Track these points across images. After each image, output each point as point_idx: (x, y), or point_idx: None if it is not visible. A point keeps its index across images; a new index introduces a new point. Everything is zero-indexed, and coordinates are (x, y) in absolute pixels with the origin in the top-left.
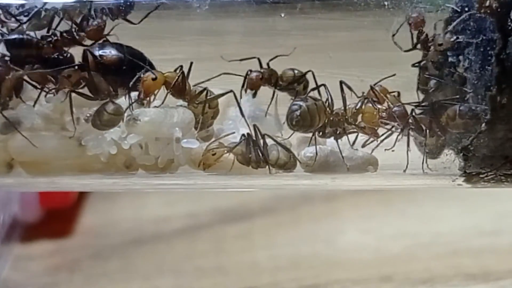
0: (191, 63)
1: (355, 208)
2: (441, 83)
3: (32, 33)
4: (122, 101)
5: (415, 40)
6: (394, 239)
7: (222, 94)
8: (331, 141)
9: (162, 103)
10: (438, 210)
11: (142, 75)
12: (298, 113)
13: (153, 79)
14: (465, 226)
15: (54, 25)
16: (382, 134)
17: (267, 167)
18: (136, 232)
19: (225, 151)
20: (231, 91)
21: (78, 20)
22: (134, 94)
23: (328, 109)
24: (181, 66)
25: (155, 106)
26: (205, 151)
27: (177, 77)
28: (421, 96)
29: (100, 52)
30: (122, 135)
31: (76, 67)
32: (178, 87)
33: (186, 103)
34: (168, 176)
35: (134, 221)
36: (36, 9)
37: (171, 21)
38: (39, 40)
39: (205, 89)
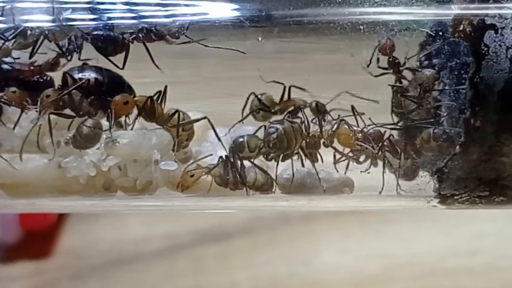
0: (166, 87)
1: (333, 229)
2: (417, 106)
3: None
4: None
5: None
6: (371, 260)
7: (197, 120)
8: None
9: (132, 126)
10: (415, 231)
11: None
12: (274, 135)
13: (124, 103)
14: (441, 246)
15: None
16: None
17: (244, 189)
18: (116, 253)
19: (203, 173)
20: (205, 117)
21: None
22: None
23: (304, 131)
24: (160, 92)
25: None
26: (183, 173)
27: (145, 101)
28: (396, 119)
29: (80, 75)
30: (101, 157)
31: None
32: (148, 110)
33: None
34: (147, 197)
35: (113, 241)
36: (21, 28)
37: (150, 44)
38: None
39: (176, 111)
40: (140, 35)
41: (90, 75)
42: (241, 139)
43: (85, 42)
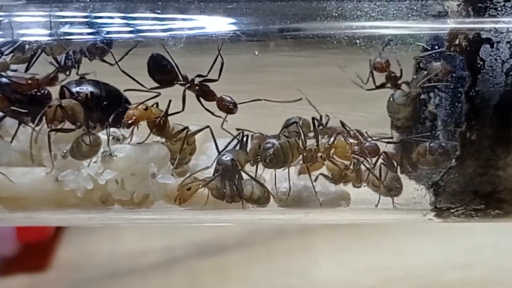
0: (170, 101)
1: (329, 242)
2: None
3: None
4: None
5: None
6: (367, 273)
7: (200, 130)
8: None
9: (130, 140)
10: (411, 244)
11: (130, 106)
12: (271, 151)
13: (145, 109)
14: (438, 259)
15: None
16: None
17: (241, 201)
18: (112, 266)
19: (200, 186)
20: (207, 126)
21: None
22: (110, 130)
23: (301, 145)
24: (157, 103)
25: (139, 143)
26: (180, 186)
27: (161, 115)
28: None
29: (77, 89)
30: (98, 171)
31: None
32: (159, 124)
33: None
34: (144, 211)
35: (110, 255)
36: (19, 43)
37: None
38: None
39: (185, 128)
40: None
41: (88, 88)
42: (226, 158)
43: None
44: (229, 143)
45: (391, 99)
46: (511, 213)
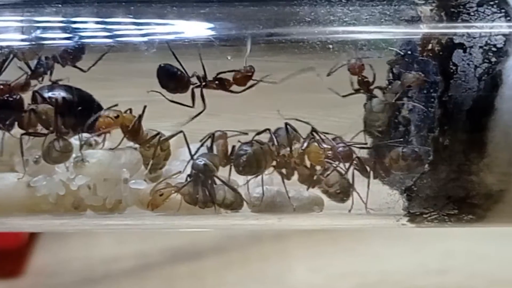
0: (145, 107)
1: (304, 247)
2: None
3: None
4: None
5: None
6: (342, 278)
7: (173, 135)
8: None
9: (103, 145)
10: (386, 249)
11: (102, 113)
12: (244, 158)
13: (115, 117)
14: (412, 265)
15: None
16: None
17: (213, 207)
18: (87, 272)
19: (173, 191)
20: (181, 131)
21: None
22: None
23: (274, 151)
24: (130, 109)
25: (111, 148)
26: (152, 191)
27: (134, 120)
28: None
29: (49, 94)
30: (70, 176)
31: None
32: (133, 129)
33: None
34: (117, 216)
35: (85, 260)
36: None
37: (120, 63)
38: None
39: (158, 133)
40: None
41: (60, 94)
42: (201, 162)
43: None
44: (199, 148)
45: (369, 107)
46: (484, 218)
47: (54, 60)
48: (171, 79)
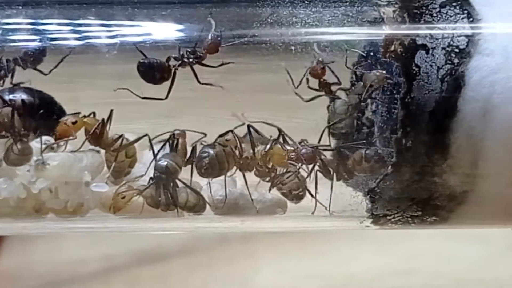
0: (111, 111)
1: (271, 249)
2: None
3: None
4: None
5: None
6: (309, 279)
7: (138, 139)
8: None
9: (65, 148)
10: (353, 250)
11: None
12: (206, 160)
13: (73, 123)
14: (379, 266)
15: None
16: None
17: (176, 210)
18: (53, 275)
19: (135, 194)
20: (146, 135)
21: None
22: (45, 138)
23: (237, 153)
24: (93, 113)
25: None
26: (114, 194)
27: (96, 125)
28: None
29: (10, 96)
30: (31, 179)
31: None
32: (95, 134)
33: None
34: (79, 219)
35: (50, 264)
36: None
37: (81, 65)
38: None
39: (120, 136)
40: None
41: (21, 96)
42: (164, 163)
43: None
44: (160, 150)
45: (332, 109)
46: (447, 219)
47: (15, 63)
48: (155, 71)
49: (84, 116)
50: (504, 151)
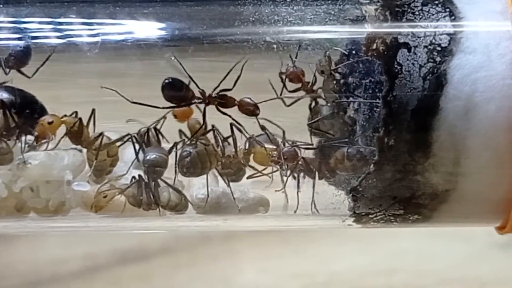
0: (93, 110)
1: (253, 248)
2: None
3: None
4: None
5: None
6: (292, 278)
7: (121, 138)
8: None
9: (46, 147)
10: (336, 249)
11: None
12: (188, 159)
13: (49, 123)
14: (361, 264)
15: None
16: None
17: (158, 209)
18: (34, 274)
19: (117, 193)
20: (128, 134)
21: None
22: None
23: (219, 152)
24: (76, 112)
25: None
26: (96, 193)
27: (74, 123)
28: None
29: None
30: (12, 178)
31: None
32: (74, 132)
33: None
34: (61, 218)
35: (31, 263)
36: None
37: (63, 64)
38: None
39: (101, 134)
40: None
41: (2, 95)
42: (153, 156)
43: None
44: (140, 147)
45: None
46: (430, 218)
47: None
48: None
49: (65, 116)
50: (486, 149)
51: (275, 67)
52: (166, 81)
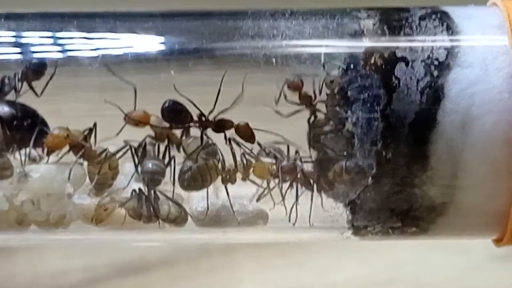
0: (95, 124)
1: (253, 260)
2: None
3: None
4: None
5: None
6: None
7: (121, 149)
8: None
9: (47, 160)
10: (335, 261)
11: (49, 131)
12: (188, 174)
13: (65, 137)
14: (361, 276)
15: None
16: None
17: (158, 222)
18: (34, 286)
19: (117, 206)
20: (127, 145)
21: None
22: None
23: (219, 166)
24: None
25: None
26: (97, 206)
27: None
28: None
29: None
30: (13, 192)
31: None
32: (79, 146)
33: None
34: (61, 231)
35: (31, 275)
36: None
37: (63, 78)
38: None
39: (105, 150)
40: None
41: (3, 109)
42: (149, 165)
43: None
44: (140, 157)
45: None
46: (427, 230)
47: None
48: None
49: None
50: (483, 163)
51: (273, 81)
52: (166, 104)
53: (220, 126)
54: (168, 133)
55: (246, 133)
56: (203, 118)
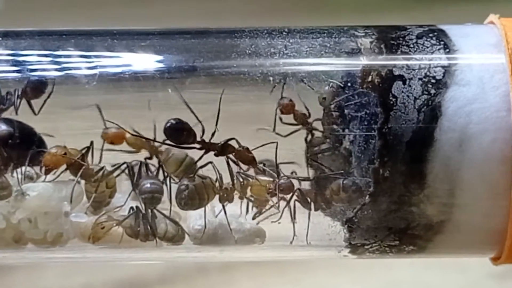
0: (92, 142)
1: (251, 278)
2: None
3: None
4: None
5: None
6: None
7: (117, 168)
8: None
9: (45, 179)
10: (332, 279)
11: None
12: (186, 193)
13: (57, 154)
14: None
15: None
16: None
17: (155, 240)
18: None
19: (114, 224)
20: (124, 163)
21: None
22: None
23: (217, 185)
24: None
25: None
26: (94, 224)
27: (78, 156)
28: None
29: None
30: (11, 210)
31: None
32: (77, 165)
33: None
34: (58, 249)
35: None
36: None
37: (61, 96)
38: None
39: (102, 168)
40: None
41: (1, 127)
42: (148, 185)
43: None
44: (136, 177)
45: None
46: (425, 249)
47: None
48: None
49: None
50: (481, 181)
51: (271, 99)
52: (168, 124)
53: (223, 150)
54: (150, 149)
55: (247, 159)
56: (206, 141)
